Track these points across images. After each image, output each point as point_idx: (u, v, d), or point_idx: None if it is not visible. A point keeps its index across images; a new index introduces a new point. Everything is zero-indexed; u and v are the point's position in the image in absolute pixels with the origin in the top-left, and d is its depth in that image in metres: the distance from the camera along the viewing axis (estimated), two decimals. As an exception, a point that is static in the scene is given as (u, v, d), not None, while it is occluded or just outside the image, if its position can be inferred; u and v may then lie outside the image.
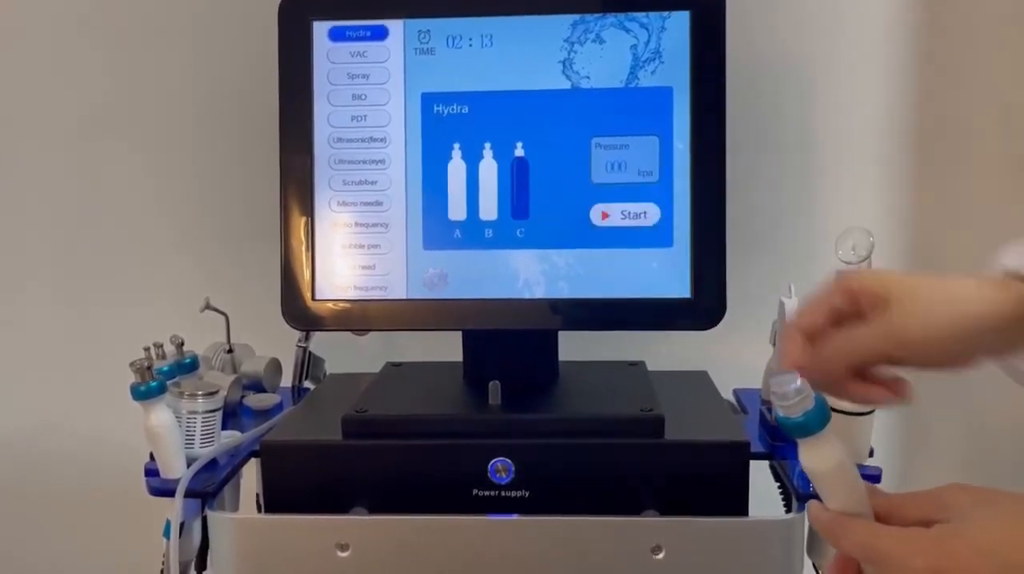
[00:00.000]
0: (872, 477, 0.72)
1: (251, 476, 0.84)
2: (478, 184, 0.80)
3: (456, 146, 0.80)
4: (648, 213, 0.79)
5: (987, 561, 0.46)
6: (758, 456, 0.76)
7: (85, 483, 1.16)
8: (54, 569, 1.19)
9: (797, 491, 0.71)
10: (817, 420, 0.49)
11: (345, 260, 0.82)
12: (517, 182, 0.80)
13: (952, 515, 0.48)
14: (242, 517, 0.75)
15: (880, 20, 1.02)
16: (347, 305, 0.82)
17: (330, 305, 0.82)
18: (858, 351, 0.52)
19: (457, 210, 0.81)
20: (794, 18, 1.03)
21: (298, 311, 0.82)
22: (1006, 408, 1.07)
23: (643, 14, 0.79)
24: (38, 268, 1.13)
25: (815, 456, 0.51)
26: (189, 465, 0.73)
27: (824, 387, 0.52)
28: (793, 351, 0.54)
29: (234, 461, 0.77)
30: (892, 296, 0.52)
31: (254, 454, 0.78)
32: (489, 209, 0.80)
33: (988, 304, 0.51)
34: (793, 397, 0.49)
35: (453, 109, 0.81)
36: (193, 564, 0.78)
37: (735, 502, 0.71)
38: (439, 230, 0.81)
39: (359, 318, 0.82)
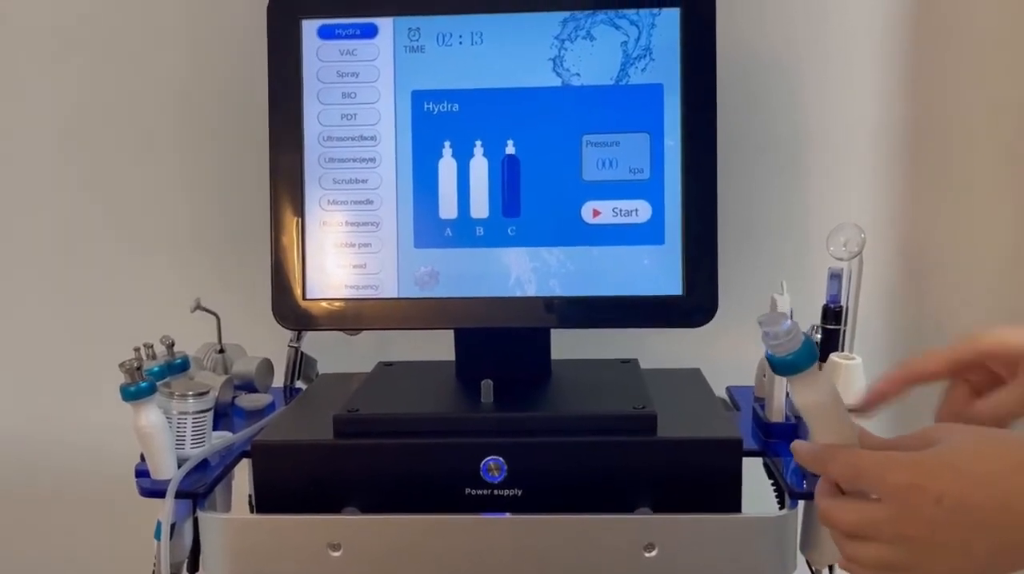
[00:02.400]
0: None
1: (243, 476, 0.83)
2: (469, 182, 0.80)
3: (447, 144, 0.80)
4: (639, 210, 0.79)
5: (957, 474, 0.49)
6: (751, 453, 0.76)
7: (76, 484, 1.16)
8: (44, 571, 1.18)
9: (790, 488, 0.71)
10: (806, 357, 0.51)
11: (336, 259, 0.81)
12: (508, 180, 0.80)
13: (934, 443, 0.51)
14: (233, 517, 0.75)
15: (871, 18, 1.02)
16: (338, 304, 0.81)
17: (321, 304, 0.82)
18: (1001, 416, 0.57)
19: (448, 208, 0.80)
20: (785, 15, 1.03)
21: (289, 311, 0.81)
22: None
23: (633, 11, 0.79)
24: (27, 268, 1.13)
25: (805, 392, 0.52)
26: (180, 466, 0.73)
27: None
28: (886, 386, 0.59)
29: (225, 461, 0.77)
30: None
31: (245, 454, 0.78)
32: (480, 207, 0.80)
33: None
34: (783, 337, 0.51)
35: (443, 107, 0.80)
36: (185, 565, 0.77)
37: (728, 499, 0.71)
38: (430, 228, 0.81)
39: (350, 317, 0.82)
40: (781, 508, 0.74)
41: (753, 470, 0.76)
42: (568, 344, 0.88)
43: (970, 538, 0.48)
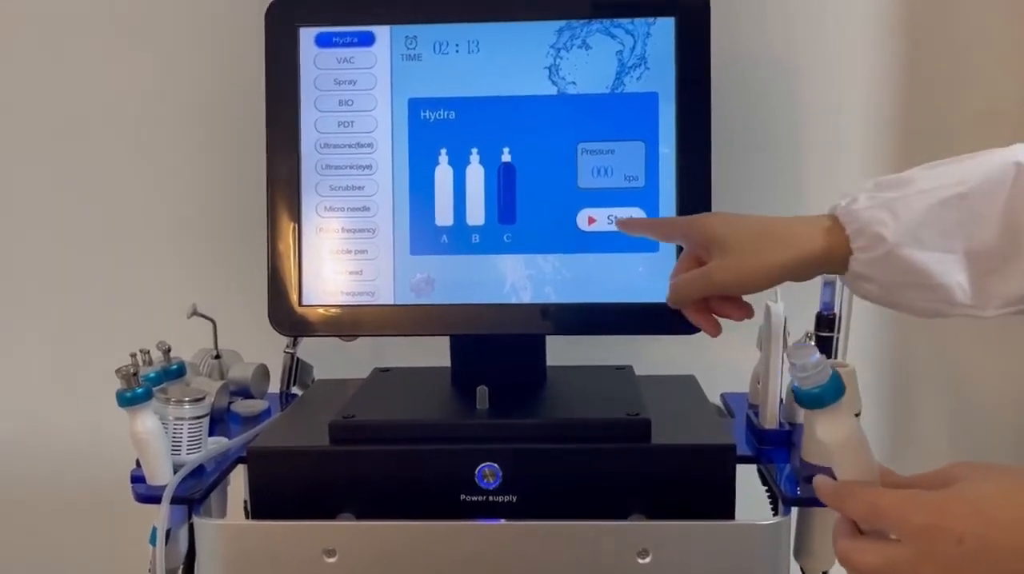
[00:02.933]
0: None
1: (239, 483, 0.83)
2: (465, 189, 0.80)
3: (443, 151, 0.81)
4: (634, 218, 0.79)
5: (979, 517, 0.48)
6: (745, 460, 0.76)
7: (71, 489, 1.15)
8: (39, 577, 1.18)
9: (784, 495, 0.71)
10: (832, 392, 0.51)
11: (332, 265, 0.82)
12: (504, 187, 0.80)
13: (953, 483, 0.51)
14: (228, 523, 0.75)
15: (867, 24, 1.03)
16: (334, 310, 0.82)
17: (317, 311, 0.82)
18: (685, 292, 0.66)
19: (444, 215, 0.81)
20: (783, 19, 1.04)
21: (285, 317, 0.82)
22: (996, 402, 1.08)
23: (628, 20, 0.80)
24: (24, 274, 1.13)
25: (829, 427, 0.52)
26: (176, 471, 0.73)
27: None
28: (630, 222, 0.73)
29: (221, 467, 0.77)
30: (713, 250, 0.63)
31: (241, 460, 0.78)
32: (476, 214, 0.81)
33: (799, 251, 0.60)
34: (811, 369, 0.51)
35: (440, 115, 0.81)
36: (181, 571, 0.77)
37: (722, 506, 0.71)
38: (426, 235, 0.81)
39: (346, 323, 0.82)
40: (775, 515, 0.74)
41: (747, 477, 0.76)
42: (563, 351, 0.88)
43: None
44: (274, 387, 0.96)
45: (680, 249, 0.78)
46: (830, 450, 0.53)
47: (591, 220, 0.80)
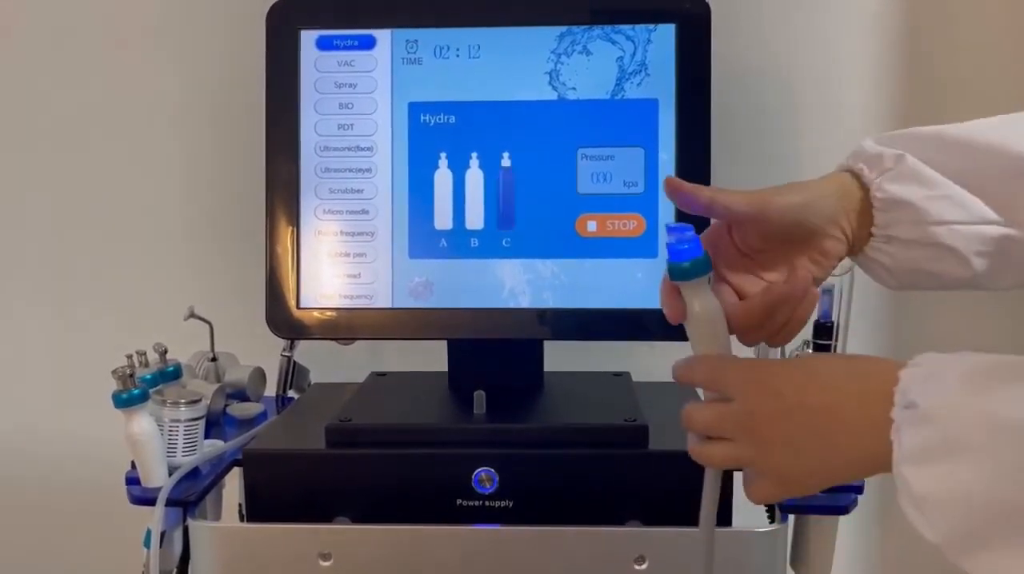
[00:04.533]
0: (855, 488, 0.72)
1: (234, 486, 0.83)
2: (464, 194, 0.80)
3: (443, 155, 0.81)
4: (633, 224, 0.80)
5: (799, 374, 0.51)
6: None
7: (66, 491, 1.15)
8: (32, 579, 1.18)
9: (780, 502, 0.71)
10: (702, 266, 0.54)
11: (330, 268, 0.81)
12: (503, 192, 0.80)
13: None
14: (223, 526, 0.75)
15: (868, 30, 1.04)
16: (332, 314, 0.81)
17: (315, 314, 0.82)
18: (691, 191, 0.58)
19: (443, 219, 0.81)
20: (781, 29, 1.04)
21: (282, 319, 0.82)
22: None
23: (629, 26, 0.80)
24: (19, 274, 1.12)
25: (694, 300, 0.55)
26: (171, 474, 0.72)
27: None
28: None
29: (216, 470, 0.76)
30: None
31: (237, 463, 0.77)
32: (475, 219, 0.81)
33: (818, 182, 0.59)
34: (686, 243, 0.54)
35: (440, 119, 0.81)
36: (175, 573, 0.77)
37: (718, 512, 0.71)
38: (425, 239, 0.81)
39: (344, 327, 0.82)
40: (771, 522, 0.74)
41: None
42: (561, 356, 0.88)
43: (804, 437, 0.50)
44: (271, 390, 0.96)
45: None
46: (692, 324, 0.56)
47: (590, 226, 0.80)
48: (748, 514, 0.76)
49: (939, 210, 0.56)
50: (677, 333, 0.78)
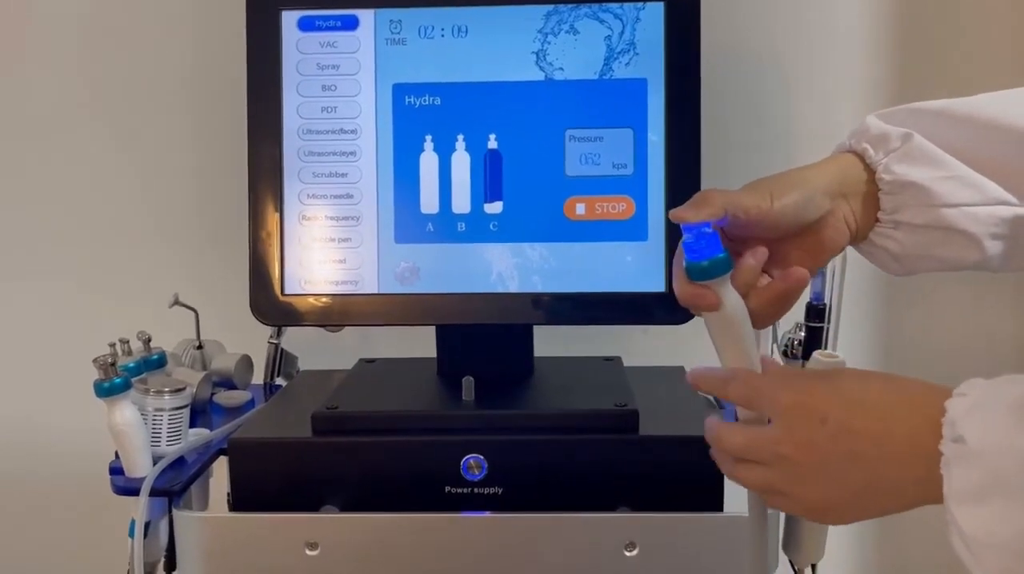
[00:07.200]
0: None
1: (222, 475, 0.82)
2: (450, 177, 0.79)
3: (428, 138, 0.79)
4: (622, 206, 0.78)
5: (844, 399, 0.49)
6: (733, 451, 0.76)
7: (49, 481, 1.14)
8: (18, 570, 1.17)
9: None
10: (723, 265, 0.52)
11: (315, 254, 0.80)
12: (490, 174, 0.79)
13: (835, 376, 0.52)
14: (208, 516, 0.74)
15: (862, 8, 1.02)
16: (317, 300, 0.80)
17: (300, 300, 0.80)
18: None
19: (429, 203, 0.80)
20: (772, 8, 1.03)
21: (267, 306, 0.80)
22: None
23: (617, 5, 0.78)
24: (1, 263, 1.11)
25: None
26: (156, 463, 0.71)
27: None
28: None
29: (202, 459, 0.76)
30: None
31: (223, 452, 0.77)
32: (462, 202, 0.79)
33: (817, 168, 0.56)
34: (704, 237, 0.52)
35: (425, 100, 0.79)
36: (162, 564, 0.76)
37: (710, 498, 0.71)
38: (411, 223, 0.80)
39: (330, 313, 0.81)
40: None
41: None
42: (551, 341, 0.87)
43: (847, 466, 0.48)
44: (258, 378, 0.95)
45: (671, 243, 0.77)
46: (716, 328, 0.54)
47: (578, 208, 0.79)
48: (740, 499, 0.76)
49: (949, 191, 0.53)
50: (668, 316, 0.78)
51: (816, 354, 0.75)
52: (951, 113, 0.55)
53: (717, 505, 0.71)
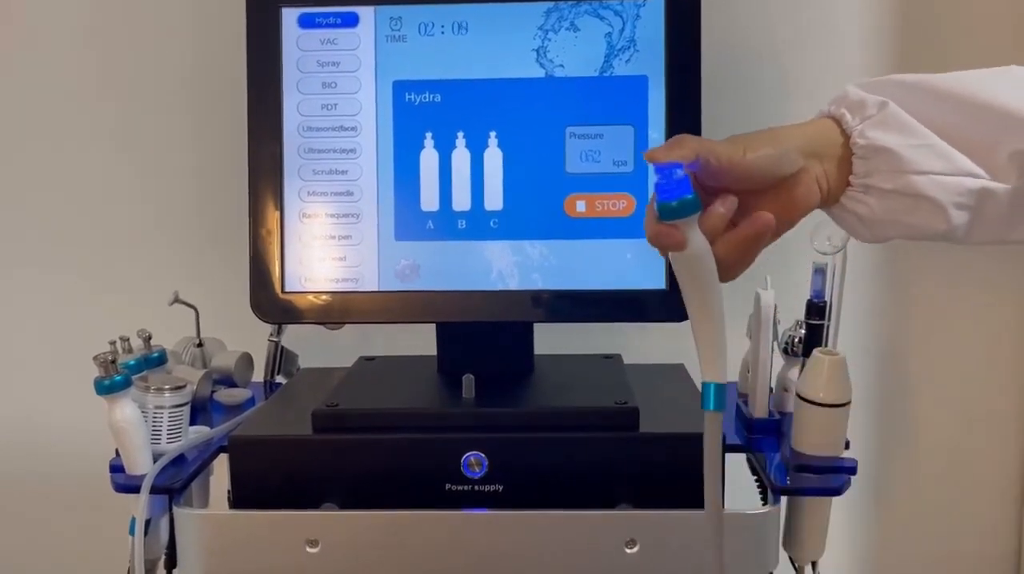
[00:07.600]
0: (848, 469, 0.71)
1: (223, 472, 0.82)
2: (451, 174, 0.79)
3: (428, 135, 0.79)
4: (623, 203, 0.78)
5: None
6: (734, 449, 0.76)
7: (50, 478, 1.14)
8: (19, 567, 1.17)
9: (773, 484, 0.70)
10: (691, 206, 0.53)
11: (315, 251, 0.80)
12: (490, 172, 0.79)
13: None
14: (208, 513, 0.74)
15: (860, 13, 1.02)
16: (317, 298, 0.80)
17: (300, 298, 0.80)
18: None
19: (430, 200, 0.79)
20: (772, 9, 1.03)
21: (267, 304, 0.80)
22: (989, 389, 1.07)
23: (617, 2, 0.78)
24: (1, 260, 1.11)
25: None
26: (156, 461, 0.71)
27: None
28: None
29: (202, 457, 0.76)
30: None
31: (223, 449, 0.77)
32: (462, 200, 0.79)
33: (794, 128, 0.59)
34: (675, 177, 0.53)
35: (425, 97, 0.79)
36: (163, 562, 0.76)
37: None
38: (411, 221, 0.80)
39: (329, 311, 0.81)
40: (764, 504, 0.73)
41: (736, 466, 0.75)
42: (551, 339, 0.87)
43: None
44: (258, 376, 0.95)
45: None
46: (681, 264, 0.55)
47: (579, 206, 0.79)
48: (741, 496, 0.76)
49: (920, 159, 0.55)
50: (668, 314, 0.78)
51: (816, 352, 0.75)
52: (929, 86, 0.58)
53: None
